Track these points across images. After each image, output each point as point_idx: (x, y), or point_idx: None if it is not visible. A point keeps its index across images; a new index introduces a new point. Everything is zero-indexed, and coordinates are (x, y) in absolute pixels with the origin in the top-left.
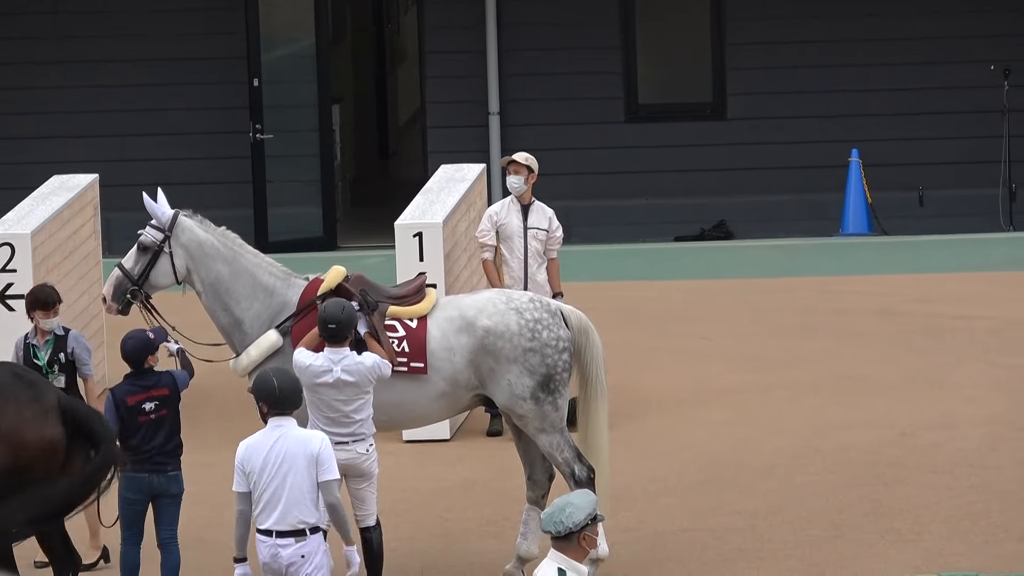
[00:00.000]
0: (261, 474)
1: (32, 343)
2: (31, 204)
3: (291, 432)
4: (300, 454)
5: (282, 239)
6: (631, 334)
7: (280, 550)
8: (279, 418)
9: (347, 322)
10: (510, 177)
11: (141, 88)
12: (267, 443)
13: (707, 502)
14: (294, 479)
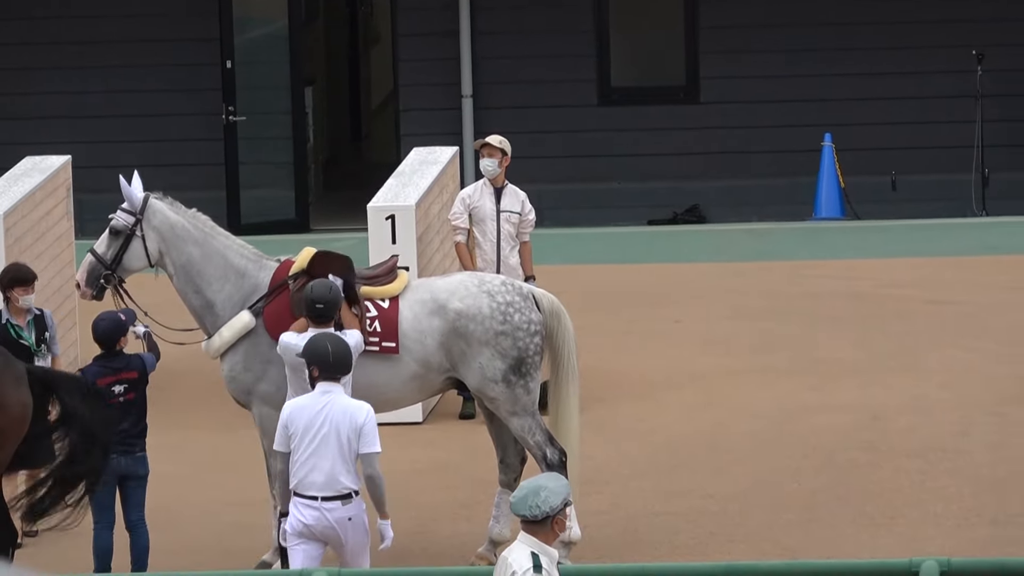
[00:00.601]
0: (303, 437)
1: (13, 323)
2: (3, 185)
3: (338, 400)
4: (344, 423)
5: (255, 221)
6: (603, 318)
7: (327, 514)
8: (328, 383)
9: (333, 302)
10: (484, 160)
11: (114, 69)
12: (314, 407)
13: (679, 485)
14: (335, 446)
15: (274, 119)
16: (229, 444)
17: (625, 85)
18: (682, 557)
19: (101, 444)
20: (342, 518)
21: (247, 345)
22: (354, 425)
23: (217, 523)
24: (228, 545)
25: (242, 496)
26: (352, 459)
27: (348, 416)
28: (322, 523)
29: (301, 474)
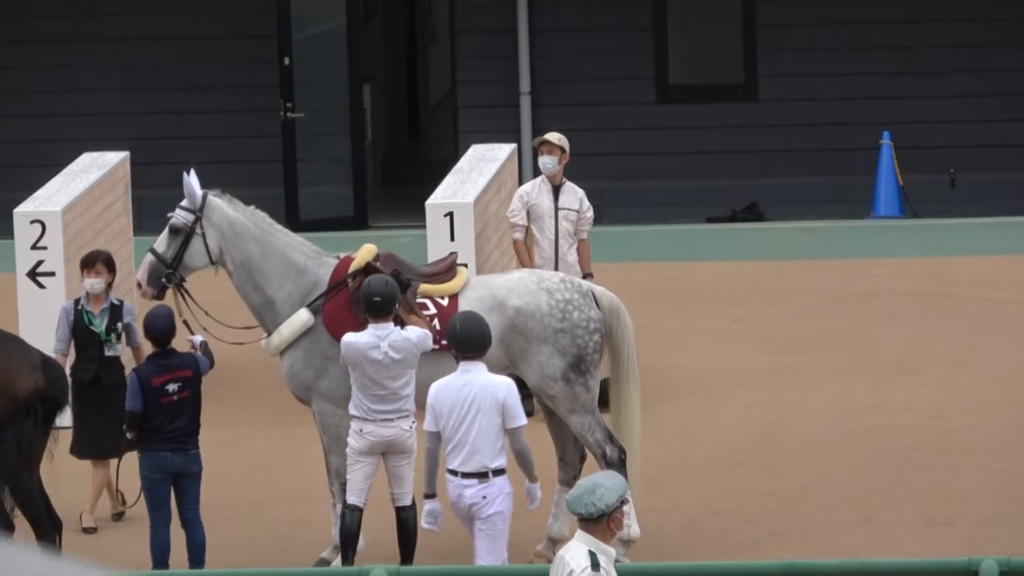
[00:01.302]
0: (449, 416)
1: (87, 309)
2: (62, 181)
3: (479, 377)
4: (486, 400)
5: (313, 218)
6: (662, 315)
7: (464, 490)
8: (468, 362)
9: (391, 296)
10: (543, 157)
11: (173, 66)
12: (456, 386)
13: (738, 484)
14: (479, 424)
15: (332, 116)
16: (288, 440)
17: (683, 83)
18: (740, 555)
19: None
20: (476, 495)
21: (307, 342)
22: (495, 401)
23: (276, 520)
24: (286, 542)
25: (301, 493)
26: (495, 435)
27: (489, 393)
28: (462, 499)
29: (448, 452)
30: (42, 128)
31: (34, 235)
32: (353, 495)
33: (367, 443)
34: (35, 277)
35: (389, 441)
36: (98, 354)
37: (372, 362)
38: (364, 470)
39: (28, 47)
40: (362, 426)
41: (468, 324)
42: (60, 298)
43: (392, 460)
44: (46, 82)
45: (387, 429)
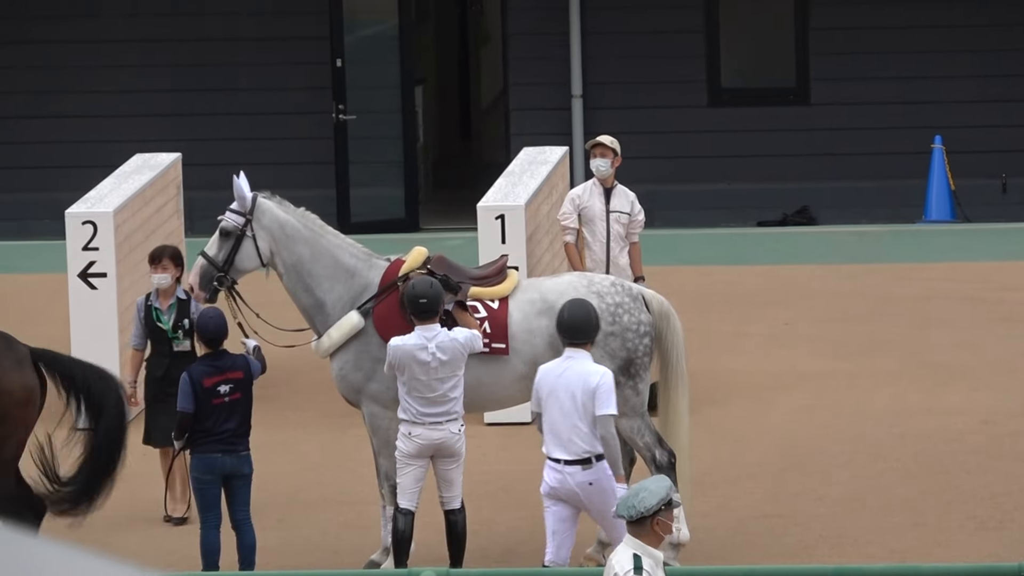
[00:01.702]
0: (548, 400)
1: (155, 305)
2: (113, 183)
3: (577, 365)
4: (579, 387)
5: (364, 220)
6: (713, 319)
7: (568, 477)
8: (573, 349)
9: (436, 297)
10: (595, 160)
11: (224, 67)
12: (557, 372)
13: (788, 488)
14: (571, 410)
15: (384, 118)
16: (339, 443)
17: (735, 86)
18: (790, 560)
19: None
20: (583, 482)
21: (357, 345)
22: (588, 388)
23: (326, 522)
24: (337, 544)
25: (351, 495)
26: (589, 422)
27: (583, 380)
28: (565, 486)
29: (547, 437)
30: (94, 129)
31: (86, 236)
32: (404, 499)
33: (416, 446)
34: (86, 278)
35: (438, 444)
36: (167, 349)
37: (420, 364)
38: (414, 473)
39: (80, 47)
40: (411, 429)
41: (575, 311)
42: (111, 299)
43: (441, 463)
44: (98, 83)
45: (436, 432)
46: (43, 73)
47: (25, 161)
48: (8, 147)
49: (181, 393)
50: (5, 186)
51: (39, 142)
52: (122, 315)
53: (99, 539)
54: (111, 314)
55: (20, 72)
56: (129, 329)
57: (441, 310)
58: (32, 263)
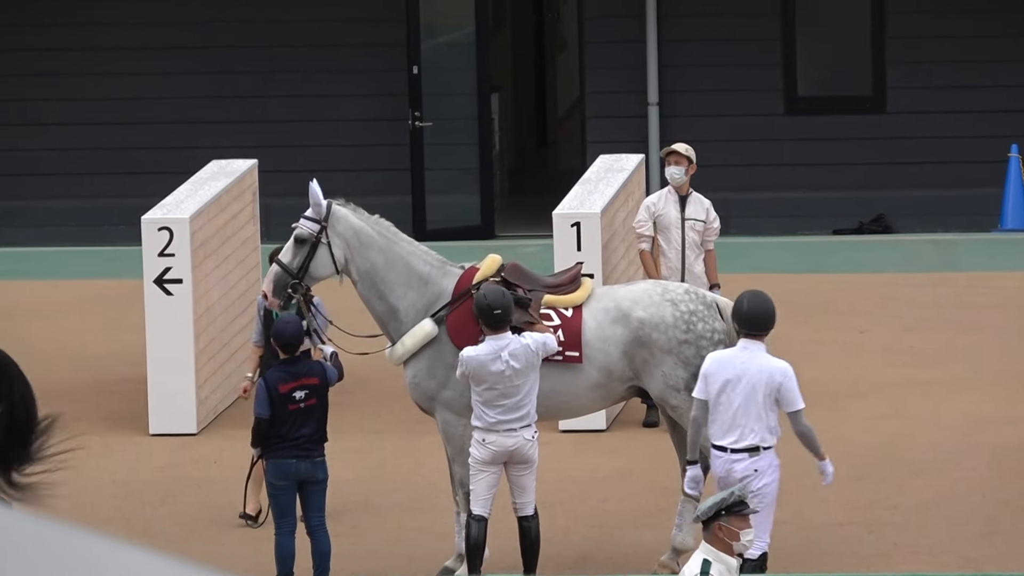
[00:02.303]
0: (722, 390)
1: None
2: (190, 189)
3: (757, 358)
4: (761, 382)
5: (440, 227)
6: (787, 327)
7: (734, 465)
8: (749, 340)
9: (509, 306)
10: (670, 168)
11: (300, 74)
12: (733, 363)
13: (863, 496)
14: (751, 402)
15: (460, 125)
16: (413, 449)
17: (811, 95)
18: (865, 568)
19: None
20: (748, 468)
21: (431, 352)
22: (771, 383)
23: (400, 528)
24: (411, 551)
25: (425, 501)
26: (766, 415)
27: (766, 375)
28: (731, 474)
29: (715, 425)
30: (171, 135)
31: (162, 242)
32: (478, 505)
33: (490, 453)
34: (162, 284)
35: (512, 450)
36: None
37: (493, 373)
38: (487, 480)
39: (157, 53)
40: (485, 436)
41: (754, 302)
42: (187, 306)
43: (514, 470)
44: (175, 89)
45: (510, 439)
46: (121, 80)
47: (102, 167)
48: (85, 153)
49: (256, 398)
50: (82, 192)
51: (116, 148)
52: (197, 321)
53: (174, 544)
54: (187, 320)
55: (98, 79)
56: (205, 334)
57: (512, 319)
58: (109, 269)
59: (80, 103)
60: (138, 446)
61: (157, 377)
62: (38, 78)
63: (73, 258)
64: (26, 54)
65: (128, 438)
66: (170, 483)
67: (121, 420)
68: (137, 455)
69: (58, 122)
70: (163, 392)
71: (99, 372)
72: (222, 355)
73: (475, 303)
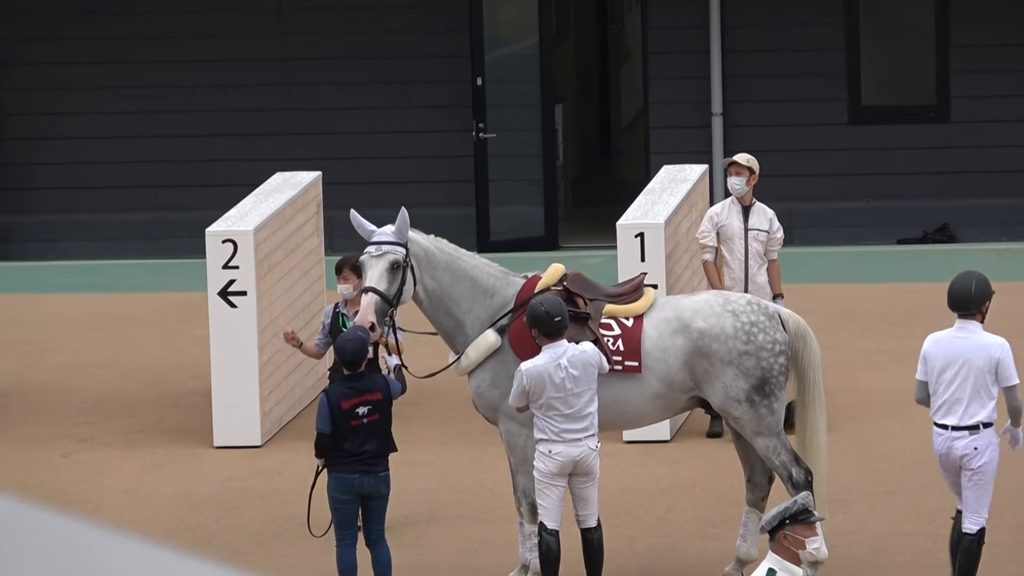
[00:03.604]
0: (943, 372)
1: (342, 312)
2: (254, 201)
3: (974, 336)
4: (980, 358)
5: (504, 239)
6: (853, 337)
7: (954, 443)
8: (964, 320)
9: (566, 314)
10: (731, 179)
11: (364, 85)
12: (951, 342)
13: (929, 505)
14: (971, 380)
15: (524, 136)
16: (478, 460)
17: (876, 104)
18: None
19: None
20: (968, 446)
21: (494, 363)
22: (990, 359)
23: (464, 540)
24: (474, 562)
25: (490, 513)
26: (986, 391)
27: (985, 352)
28: (952, 451)
29: (937, 403)
30: (236, 147)
31: (226, 254)
32: (549, 518)
33: (557, 464)
34: (226, 296)
35: (577, 460)
36: None
37: (555, 383)
38: (556, 492)
39: (222, 66)
40: (550, 447)
41: (956, 282)
42: (252, 318)
43: (577, 481)
44: (240, 101)
45: (575, 448)
46: (185, 92)
47: (166, 180)
48: (150, 165)
49: (319, 413)
50: (147, 204)
51: (180, 160)
52: (262, 333)
53: (237, 556)
54: (251, 333)
55: (162, 92)
56: (269, 346)
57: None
58: (173, 281)
59: (146, 116)
60: (202, 458)
61: (221, 389)
62: (104, 90)
63: (137, 271)
64: (89, 66)
65: (192, 450)
66: (234, 495)
67: (185, 432)
68: (201, 467)
69: (123, 135)
70: (227, 404)
71: (163, 385)
72: (286, 367)
73: (530, 312)
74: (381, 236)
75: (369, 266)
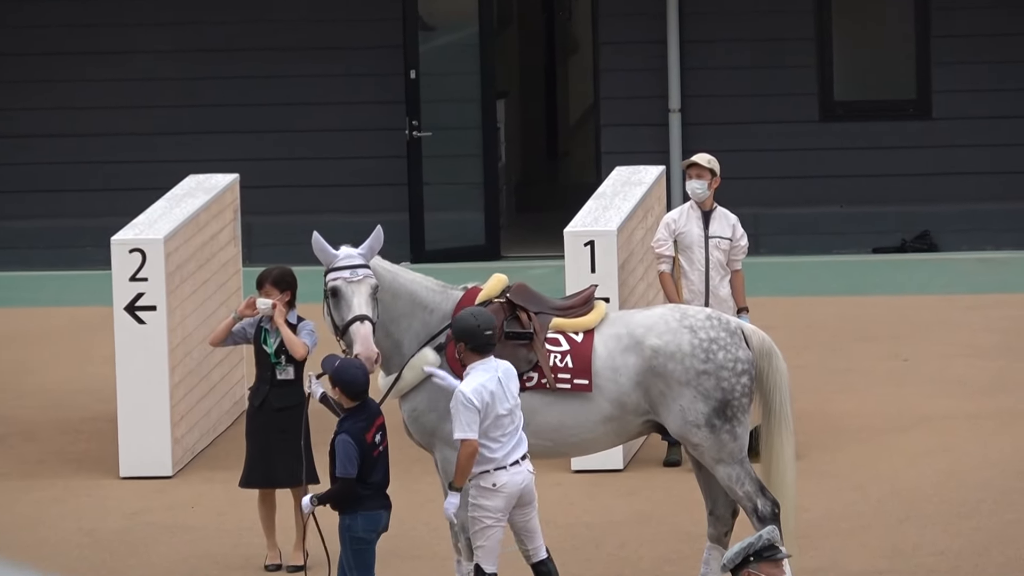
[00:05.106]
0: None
1: (264, 327)
2: (164, 206)
3: None
4: None
5: (440, 248)
6: (823, 355)
7: None
8: None
9: (495, 329)
10: (691, 182)
11: (285, 79)
12: None
13: (906, 541)
14: None
15: (462, 135)
16: (411, 492)
17: (849, 99)
18: None
19: None
20: None
21: (431, 383)
22: None
23: None
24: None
25: (424, 550)
26: None
27: None
28: None
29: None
30: (144, 148)
31: (133, 265)
32: (489, 561)
33: (503, 498)
34: (134, 311)
35: (521, 489)
36: (269, 376)
37: (500, 401)
38: (499, 532)
39: (129, 57)
40: (495, 479)
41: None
42: (162, 335)
43: (520, 513)
44: (147, 97)
45: (518, 475)
46: (86, 87)
47: (68, 183)
48: (50, 167)
49: (345, 457)
50: (47, 211)
51: (82, 162)
52: (172, 352)
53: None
54: (161, 351)
55: (59, 86)
56: (181, 366)
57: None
58: (76, 295)
59: (43, 113)
60: (107, 490)
61: (129, 414)
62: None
63: (34, 283)
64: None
65: (96, 482)
66: (142, 531)
67: (89, 462)
68: (106, 500)
69: (15, 134)
70: (135, 430)
71: (65, 409)
72: (200, 389)
73: (458, 324)
74: (352, 259)
75: (351, 292)
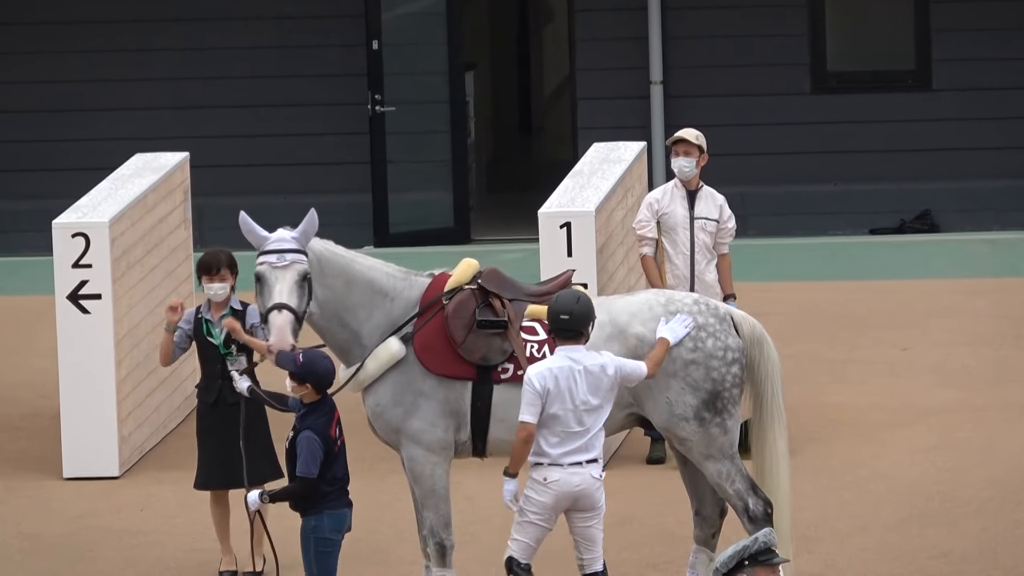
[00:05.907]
0: None
1: (206, 318)
2: (109, 188)
3: None
4: None
5: (405, 230)
6: (817, 344)
7: None
8: None
9: (582, 314)
10: (677, 159)
11: (239, 51)
12: None
13: (907, 543)
14: None
15: (429, 110)
16: (376, 491)
17: (844, 69)
18: None
19: None
20: None
21: (396, 376)
22: None
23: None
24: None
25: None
26: None
27: None
28: None
29: None
30: (87, 125)
31: (76, 251)
32: (524, 553)
33: (552, 496)
34: (77, 300)
35: (577, 492)
36: (219, 370)
37: (570, 392)
38: (540, 531)
39: (69, 28)
40: (547, 474)
41: None
42: (107, 325)
43: (578, 518)
44: (90, 71)
45: (576, 477)
46: (22, 60)
47: (4, 163)
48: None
49: (310, 455)
50: None
51: (21, 140)
52: (119, 343)
53: None
54: (107, 343)
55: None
56: (129, 359)
57: (588, 331)
58: (15, 283)
59: None
60: (50, 492)
61: (72, 410)
62: None
63: None
64: None
65: (38, 483)
66: (88, 535)
67: (29, 462)
68: (49, 503)
69: None
70: (79, 428)
71: (3, 405)
72: (148, 383)
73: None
74: (281, 243)
75: (274, 279)
